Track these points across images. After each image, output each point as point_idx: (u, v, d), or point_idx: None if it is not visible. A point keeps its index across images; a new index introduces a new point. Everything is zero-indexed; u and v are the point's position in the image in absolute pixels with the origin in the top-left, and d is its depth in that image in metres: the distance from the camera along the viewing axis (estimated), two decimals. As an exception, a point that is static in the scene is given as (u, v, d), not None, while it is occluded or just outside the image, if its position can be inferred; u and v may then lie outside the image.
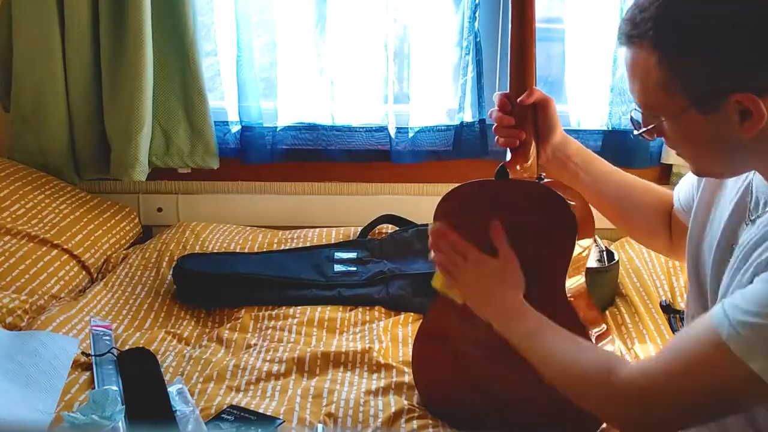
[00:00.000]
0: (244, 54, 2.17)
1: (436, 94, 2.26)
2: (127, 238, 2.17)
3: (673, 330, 1.71)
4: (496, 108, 1.26)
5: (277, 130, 2.26)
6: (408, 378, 1.47)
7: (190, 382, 1.44)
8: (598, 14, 2.19)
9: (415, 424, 1.32)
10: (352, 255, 1.99)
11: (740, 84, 0.89)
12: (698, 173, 1.05)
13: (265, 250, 2.06)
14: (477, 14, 2.17)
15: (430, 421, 1.33)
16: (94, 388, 1.38)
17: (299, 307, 1.75)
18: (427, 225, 2.07)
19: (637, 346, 1.63)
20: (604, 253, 1.89)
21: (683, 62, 0.91)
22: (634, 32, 0.94)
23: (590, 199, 1.27)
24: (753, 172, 1.00)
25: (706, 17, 0.89)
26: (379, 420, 1.34)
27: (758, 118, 0.89)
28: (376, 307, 1.79)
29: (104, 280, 1.88)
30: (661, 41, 0.91)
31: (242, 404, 1.36)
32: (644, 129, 1.00)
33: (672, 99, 0.93)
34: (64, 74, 2.12)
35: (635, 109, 1.01)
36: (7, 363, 1.38)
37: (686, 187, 1.22)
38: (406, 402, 1.38)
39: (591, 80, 2.23)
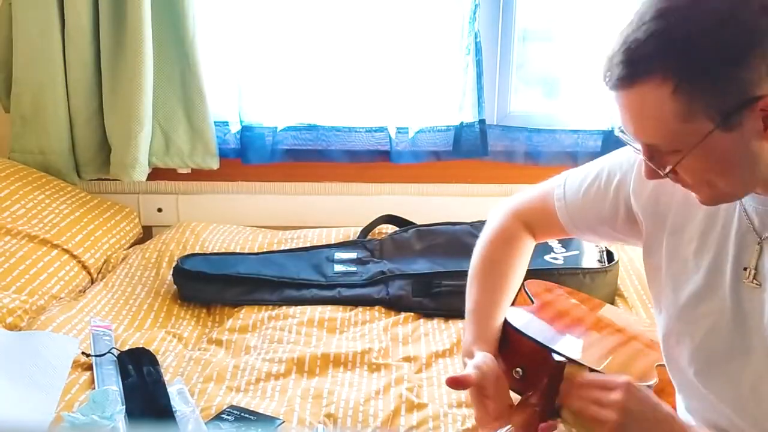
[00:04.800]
0: (244, 54, 2.17)
1: (436, 94, 2.26)
2: (128, 238, 2.17)
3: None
4: None
5: (277, 130, 2.26)
6: (407, 377, 1.47)
7: (190, 382, 1.44)
8: (597, 14, 2.19)
9: (414, 423, 1.33)
10: (352, 255, 1.99)
11: (765, 88, 0.84)
12: (714, 201, 0.97)
13: (265, 250, 2.06)
14: (477, 14, 2.17)
15: (430, 422, 1.33)
16: (94, 388, 1.38)
17: (299, 307, 1.76)
18: (426, 225, 2.09)
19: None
20: (604, 253, 1.89)
21: (702, 84, 0.86)
22: (636, 70, 0.87)
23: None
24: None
25: (712, 33, 0.84)
26: (379, 420, 1.34)
27: None
28: (376, 307, 1.79)
29: (104, 280, 1.89)
30: (672, 70, 0.86)
31: (242, 404, 1.37)
32: (667, 171, 0.92)
33: (694, 126, 0.87)
34: (64, 74, 2.12)
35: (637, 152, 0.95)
36: (7, 363, 1.38)
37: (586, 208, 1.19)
38: (405, 402, 1.38)
39: (591, 80, 2.23)
